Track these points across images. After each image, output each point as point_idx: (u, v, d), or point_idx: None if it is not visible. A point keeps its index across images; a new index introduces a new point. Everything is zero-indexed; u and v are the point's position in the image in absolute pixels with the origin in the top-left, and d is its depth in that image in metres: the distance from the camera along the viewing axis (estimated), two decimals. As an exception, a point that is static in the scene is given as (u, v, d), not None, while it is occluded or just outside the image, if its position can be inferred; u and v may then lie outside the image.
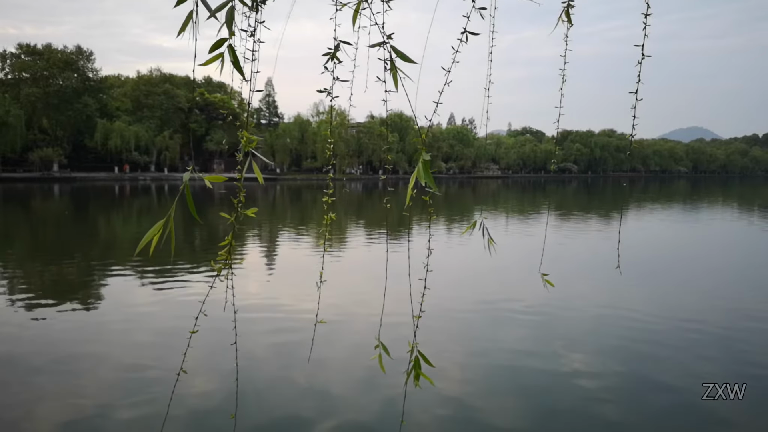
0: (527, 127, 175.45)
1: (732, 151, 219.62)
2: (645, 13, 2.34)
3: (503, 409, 6.44)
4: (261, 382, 6.97)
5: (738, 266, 16.56)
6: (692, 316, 10.27)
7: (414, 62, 2.08)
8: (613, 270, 14.59)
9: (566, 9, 2.35)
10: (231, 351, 2.80)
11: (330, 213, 2.27)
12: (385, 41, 2.08)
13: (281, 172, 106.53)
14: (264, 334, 8.91)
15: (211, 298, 2.17)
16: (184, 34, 1.53)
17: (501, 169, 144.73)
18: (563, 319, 10.12)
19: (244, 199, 1.84)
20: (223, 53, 1.51)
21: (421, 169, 1.95)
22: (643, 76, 2.32)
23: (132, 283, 12.99)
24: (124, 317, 9.99)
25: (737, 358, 8.15)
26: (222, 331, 5.82)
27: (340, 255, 17.45)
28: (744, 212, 39.42)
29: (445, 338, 8.91)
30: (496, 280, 13.54)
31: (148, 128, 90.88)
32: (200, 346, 7.76)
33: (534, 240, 21.23)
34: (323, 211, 2.25)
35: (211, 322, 2.71)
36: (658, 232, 26.48)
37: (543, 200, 50.83)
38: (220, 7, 1.46)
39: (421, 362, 2.00)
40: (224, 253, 1.82)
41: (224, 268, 1.86)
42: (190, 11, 1.43)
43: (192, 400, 6.33)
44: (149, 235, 1.54)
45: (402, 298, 2.66)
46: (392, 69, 2.07)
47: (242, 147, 1.77)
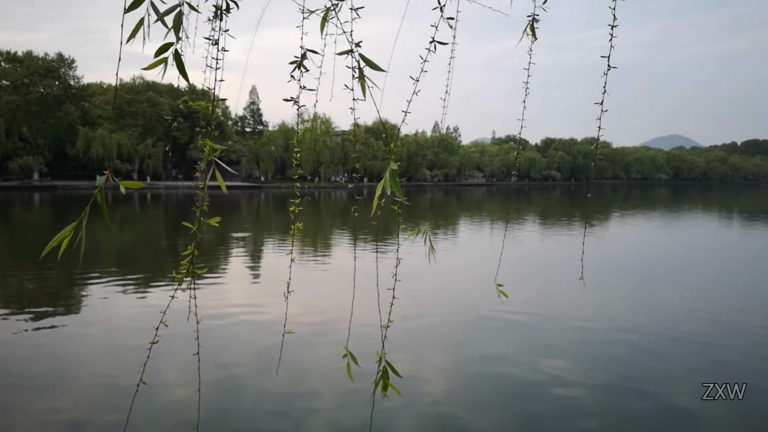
0: (511, 135, 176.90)
1: (712, 159, 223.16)
2: (611, 25, 2.36)
3: (484, 418, 6.42)
4: (227, 392, 6.88)
5: (720, 270, 16.77)
6: (683, 319, 10.36)
7: (382, 70, 2.07)
8: (598, 277, 14.64)
9: (531, 23, 2.37)
10: (202, 361, 2.76)
11: (297, 223, 2.24)
12: (353, 49, 2.08)
13: (266, 180, 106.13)
14: (237, 342, 8.82)
15: (185, 308, 2.13)
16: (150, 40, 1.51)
17: (485, 177, 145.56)
18: (550, 326, 10.15)
19: (207, 208, 1.81)
20: (167, 58, 1.49)
21: (388, 178, 1.94)
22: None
23: (109, 294, 12.80)
24: (98, 327, 9.84)
25: (736, 358, 8.24)
26: (191, 341, 5.74)
27: (325, 263, 17.39)
28: (724, 218, 40.01)
29: (423, 346, 8.89)
30: (478, 289, 13.56)
31: (130, 136, 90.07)
32: (170, 356, 7.65)
33: (517, 248, 21.33)
34: (291, 221, 2.22)
35: (182, 331, 2.67)
36: (639, 238, 26.77)
37: (526, 209, 51.18)
38: (168, 11, 1.45)
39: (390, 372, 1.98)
40: (187, 263, 1.79)
41: (186, 278, 1.82)
42: (141, 18, 1.41)
43: (154, 412, 6.22)
44: (57, 238, 1.50)
45: (381, 307, 2.63)
46: (360, 77, 2.06)
47: (205, 156, 1.75)
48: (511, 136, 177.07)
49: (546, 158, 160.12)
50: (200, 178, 2.01)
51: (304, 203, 2.38)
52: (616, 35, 2.30)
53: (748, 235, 28.61)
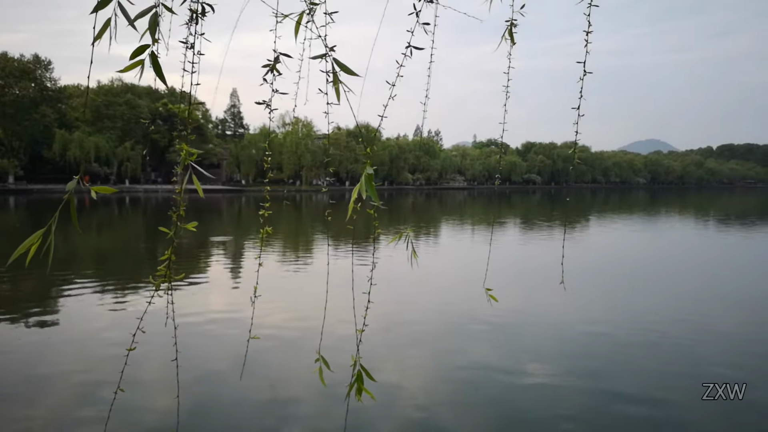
0: (492, 139, 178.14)
1: (688, 163, 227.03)
2: (586, 31, 2.38)
3: (467, 421, 6.43)
4: (206, 397, 6.81)
5: (702, 273, 17.06)
6: (670, 321, 10.50)
7: (356, 75, 2.07)
8: (583, 280, 14.76)
9: (509, 28, 2.39)
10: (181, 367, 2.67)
11: (266, 227, 2.23)
12: (327, 53, 2.08)
13: (246, 183, 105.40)
14: (216, 347, 8.73)
15: (165, 313, 2.11)
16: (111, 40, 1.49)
17: (467, 180, 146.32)
18: (536, 329, 10.22)
19: (185, 212, 1.79)
20: (143, 60, 1.48)
21: (364, 183, 1.94)
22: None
23: (85, 299, 12.59)
24: (75, 333, 9.68)
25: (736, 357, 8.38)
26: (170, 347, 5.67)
27: (306, 267, 17.31)
28: (701, 222, 40.72)
29: (405, 350, 8.89)
30: (461, 292, 13.61)
31: (108, 139, 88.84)
32: (149, 362, 7.56)
33: (499, 252, 21.46)
34: (260, 225, 2.21)
35: (161, 336, 2.64)
36: (620, 241, 27.12)
37: (507, 212, 51.53)
38: (142, 13, 1.43)
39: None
40: (163, 268, 1.78)
41: (163, 283, 1.81)
42: (107, 19, 1.40)
43: (133, 419, 6.13)
44: (25, 245, 1.47)
45: (360, 310, 2.63)
46: (335, 81, 2.06)
47: (182, 160, 1.73)
48: (492, 140, 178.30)
49: (526, 162, 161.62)
50: (178, 182, 1.99)
51: (285, 206, 2.37)
52: (591, 41, 2.33)
53: (723, 238, 29.15)
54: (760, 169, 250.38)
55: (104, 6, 1.52)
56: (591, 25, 2.31)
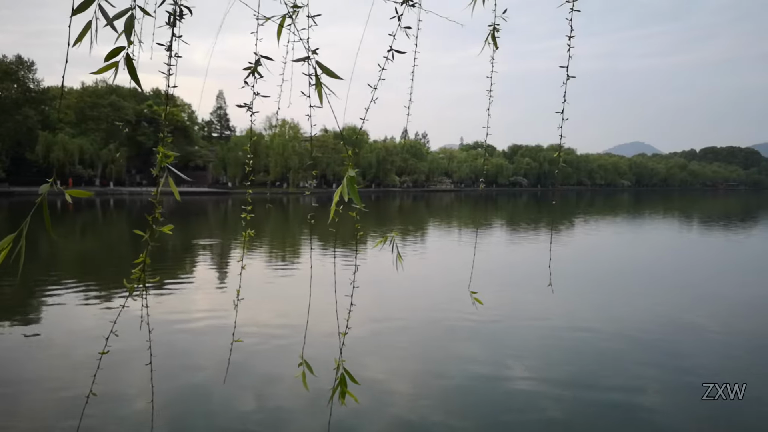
0: (479, 142, 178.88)
1: (672, 166, 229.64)
2: (569, 35, 2.40)
3: (455, 424, 6.44)
4: (185, 402, 6.75)
5: (696, 274, 17.25)
6: (659, 323, 10.59)
7: (339, 78, 2.07)
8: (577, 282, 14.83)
9: (492, 33, 2.40)
10: (159, 371, 2.66)
11: (249, 230, 2.22)
12: (310, 56, 2.07)
13: (233, 186, 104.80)
14: (198, 351, 8.67)
15: (146, 316, 2.09)
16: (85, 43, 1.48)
17: (454, 183, 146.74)
18: (532, 331, 10.27)
19: (160, 215, 1.77)
20: (117, 62, 1.47)
21: (346, 185, 1.94)
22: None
23: (64, 302, 12.42)
24: (52, 337, 9.55)
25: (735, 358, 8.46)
26: (151, 351, 5.61)
27: (293, 269, 17.25)
28: (685, 223, 41.21)
29: (392, 352, 8.89)
30: (448, 294, 13.63)
31: (93, 141, 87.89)
32: (127, 366, 7.47)
33: (485, 254, 21.54)
34: (242, 228, 2.20)
35: (140, 340, 2.60)
36: (608, 243, 27.35)
37: (494, 214, 51.73)
38: (118, 15, 1.42)
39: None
40: (138, 271, 1.75)
41: (138, 286, 1.78)
42: (88, 21, 1.39)
43: (107, 424, 6.06)
44: None
45: (345, 313, 2.62)
46: (317, 84, 2.06)
47: (158, 162, 1.71)
48: (479, 143, 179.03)
49: (513, 164, 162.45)
50: (163, 184, 1.98)
51: (268, 210, 2.35)
52: (574, 46, 2.34)
53: (715, 239, 29.52)
54: (742, 171, 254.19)
55: (85, 8, 1.50)
56: (573, 30, 2.33)
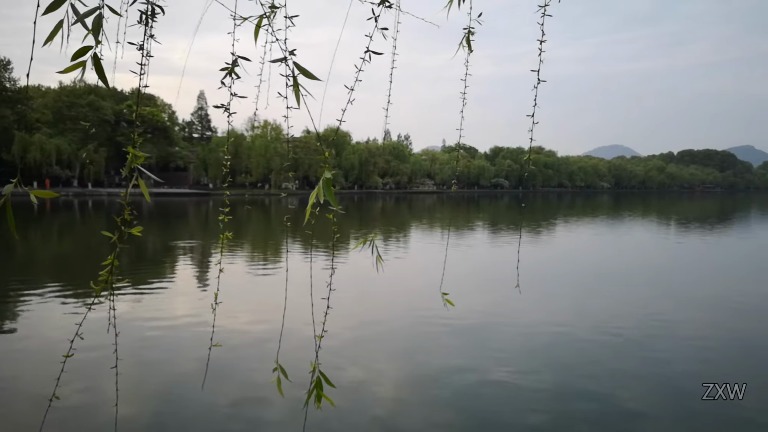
0: (461, 144, 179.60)
1: (650, 168, 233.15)
2: (540, 40, 2.42)
3: (435, 424, 6.45)
4: (167, 408, 6.68)
5: (693, 275, 17.50)
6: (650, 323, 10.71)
7: (317, 79, 2.07)
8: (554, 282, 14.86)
9: (467, 36, 2.41)
10: (134, 376, 2.60)
11: (227, 232, 2.20)
12: (287, 57, 2.06)
13: (214, 187, 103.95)
14: (175, 355, 8.58)
15: (125, 318, 2.05)
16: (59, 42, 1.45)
17: (436, 185, 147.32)
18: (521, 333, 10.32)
19: (129, 217, 1.75)
20: (85, 61, 1.45)
21: (322, 187, 1.94)
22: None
23: (34, 305, 12.21)
24: (22, 339, 9.38)
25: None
26: (127, 353, 5.54)
27: (275, 271, 17.16)
28: (663, 225, 41.83)
29: (372, 353, 8.88)
30: (428, 296, 13.66)
31: (70, 141, 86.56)
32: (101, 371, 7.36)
33: (466, 255, 21.64)
34: (220, 230, 2.18)
35: (124, 342, 2.57)
36: (592, 244, 27.65)
37: (475, 216, 52.01)
38: (88, 13, 1.40)
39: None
40: (105, 273, 1.73)
41: (104, 289, 1.76)
42: (60, 20, 1.37)
43: (69, 429, 5.96)
44: None
45: (322, 316, 2.61)
46: (294, 85, 2.05)
47: (128, 163, 1.69)
48: (461, 145, 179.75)
49: (495, 166, 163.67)
50: (144, 185, 1.95)
51: (247, 212, 2.33)
52: (545, 50, 2.37)
53: (704, 241, 30.00)
54: (718, 174, 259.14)
55: (57, 7, 1.48)
56: (544, 34, 2.35)
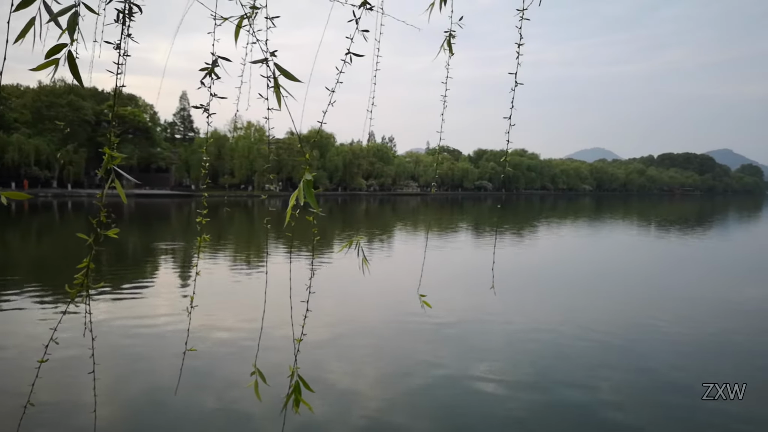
0: (445, 146, 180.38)
1: (631, 171, 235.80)
2: (518, 43, 2.43)
3: (419, 425, 6.45)
4: (141, 414, 6.59)
5: (690, 275, 17.70)
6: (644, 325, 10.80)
7: (298, 80, 2.06)
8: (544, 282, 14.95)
9: (448, 39, 2.42)
10: (110, 379, 2.54)
11: (204, 234, 2.18)
12: (268, 58, 2.05)
13: (196, 188, 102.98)
14: (152, 358, 8.48)
15: (105, 322, 2.02)
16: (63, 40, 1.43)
17: (420, 187, 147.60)
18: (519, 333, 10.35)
19: (106, 219, 1.73)
20: (58, 59, 1.43)
21: (302, 189, 1.93)
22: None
23: (9, 308, 11.99)
24: (6, 347, 9.21)
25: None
26: (105, 358, 5.46)
27: (257, 273, 17.05)
28: (643, 227, 42.35)
29: (356, 355, 8.86)
30: (411, 297, 13.66)
31: (50, 141, 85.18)
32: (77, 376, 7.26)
33: (448, 257, 21.70)
34: (198, 232, 2.16)
35: (101, 347, 2.53)
36: (577, 246, 27.88)
37: (459, 218, 52.21)
38: (62, 11, 1.38)
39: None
40: (81, 277, 1.70)
41: (80, 292, 1.73)
42: (32, 17, 1.34)
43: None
44: None
45: (311, 319, 2.58)
46: (275, 87, 2.04)
47: (104, 164, 1.67)
48: (444, 147, 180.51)
49: (478, 169, 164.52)
50: (120, 186, 1.92)
51: (225, 214, 2.31)
52: (523, 53, 2.38)
53: (697, 242, 30.40)
54: (697, 177, 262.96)
55: (28, 5, 1.46)
56: (522, 38, 2.37)
